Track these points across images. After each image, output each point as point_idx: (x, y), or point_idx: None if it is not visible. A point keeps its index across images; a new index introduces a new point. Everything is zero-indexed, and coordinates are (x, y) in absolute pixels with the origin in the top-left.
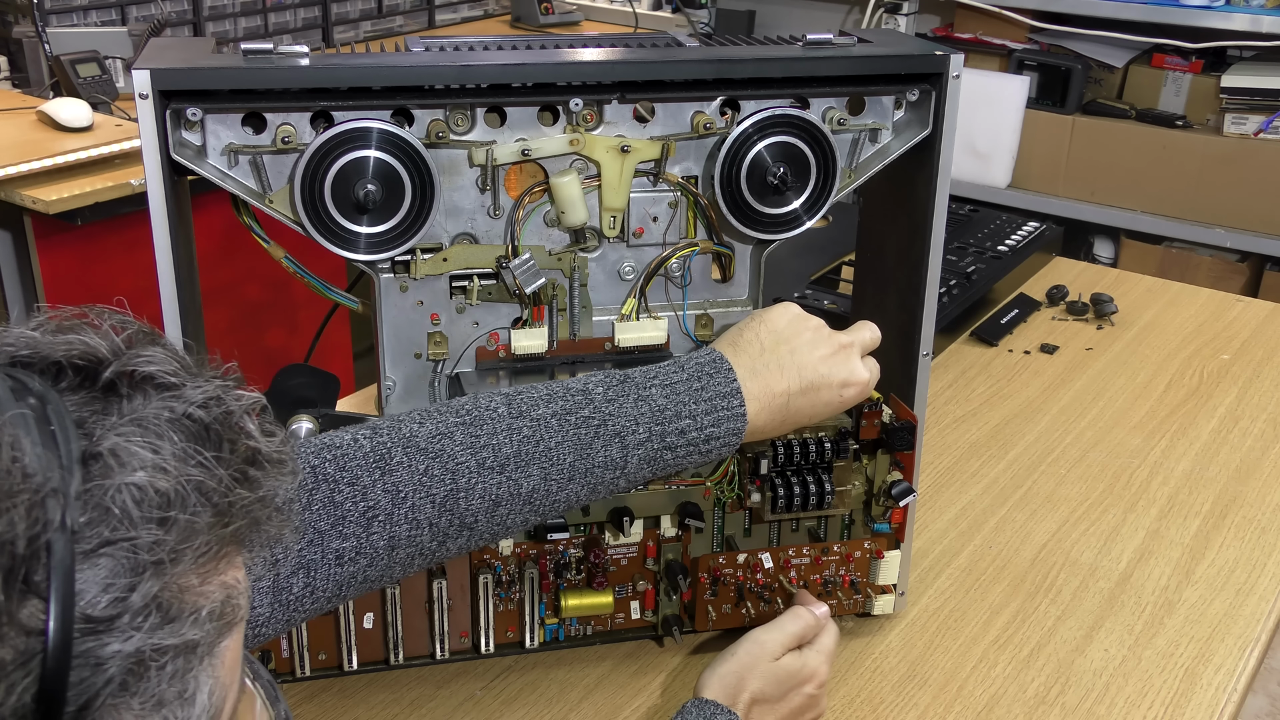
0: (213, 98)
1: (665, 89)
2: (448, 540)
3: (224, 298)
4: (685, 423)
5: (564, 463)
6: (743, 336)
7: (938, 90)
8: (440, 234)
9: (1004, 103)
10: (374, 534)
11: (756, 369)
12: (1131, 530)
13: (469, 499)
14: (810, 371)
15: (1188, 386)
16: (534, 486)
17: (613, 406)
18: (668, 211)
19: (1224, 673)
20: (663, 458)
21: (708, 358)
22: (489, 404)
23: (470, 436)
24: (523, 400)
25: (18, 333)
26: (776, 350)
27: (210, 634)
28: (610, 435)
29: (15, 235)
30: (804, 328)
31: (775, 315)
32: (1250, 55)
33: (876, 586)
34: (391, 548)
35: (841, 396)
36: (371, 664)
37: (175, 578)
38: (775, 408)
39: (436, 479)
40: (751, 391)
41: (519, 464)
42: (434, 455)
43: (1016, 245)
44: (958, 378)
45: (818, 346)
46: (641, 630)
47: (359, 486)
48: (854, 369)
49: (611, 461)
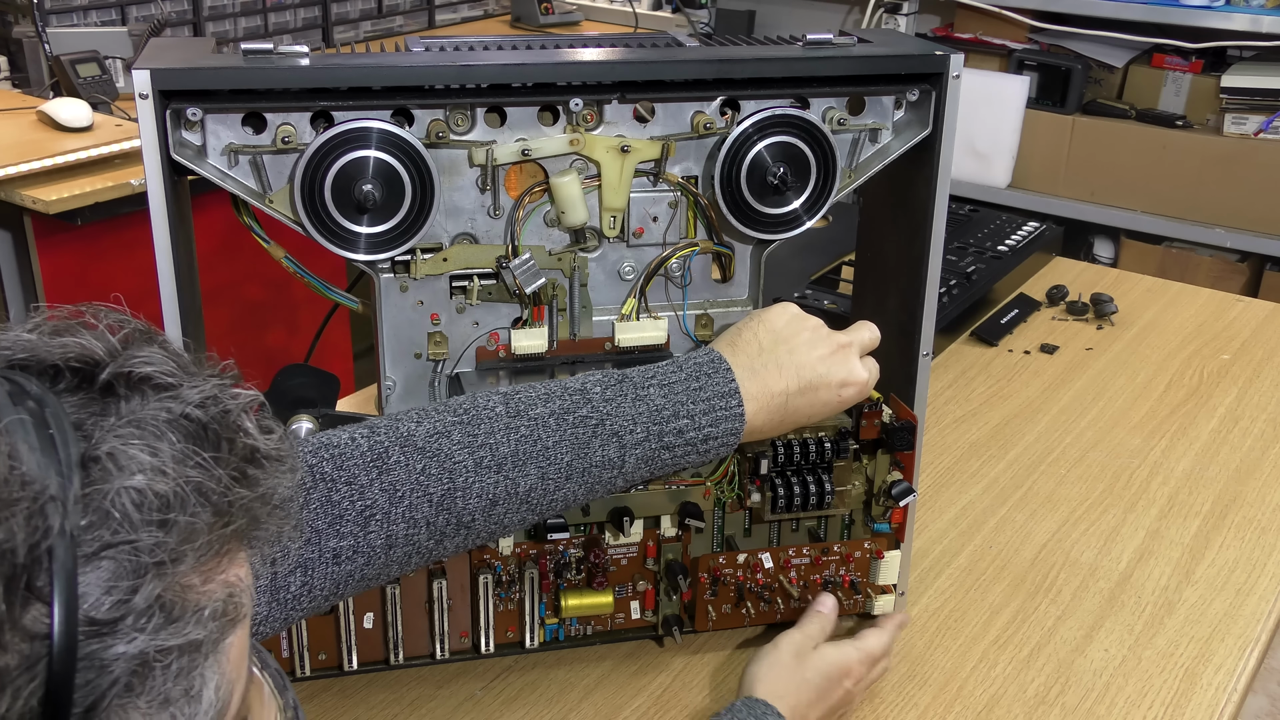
0: (213, 98)
1: (665, 89)
2: (445, 539)
3: (224, 298)
4: (683, 422)
5: (561, 462)
6: (741, 336)
7: (938, 90)
8: (440, 234)
9: (1004, 103)
10: (371, 533)
11: (755, 369)
12: (1131, 530)
13: (466, 498)
14: (809, 371)
15: (1188, 386)
16: (531, 486)
17: (610, 406)
18: (668, 211)
19: (1224, 673)
20: (660, 457)
21: (706, 357)
22: (487, 403)
23: (468, 435)
24: (520, 399)
25: (14, 335)
26: (775, 350)
27: (214, 632)
28: (608, 435)
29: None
30: (802, 327)
31: (774, 315)
32: (1250, 55)
33: (876, 586)
34: (389, 546)
35: (840, 396)
36: (371, 664)
37: (177, 578)
38: (774, 408)
39: (434, 478)
40: (750, 391)
41: (516, 463)
42: (431, 454)
43: (1016, 245)
44: (958, 378)
45: (816, 346)
46: (641, 630)
47: (356, 485)
48: (852, 369)
49: (609, 461)
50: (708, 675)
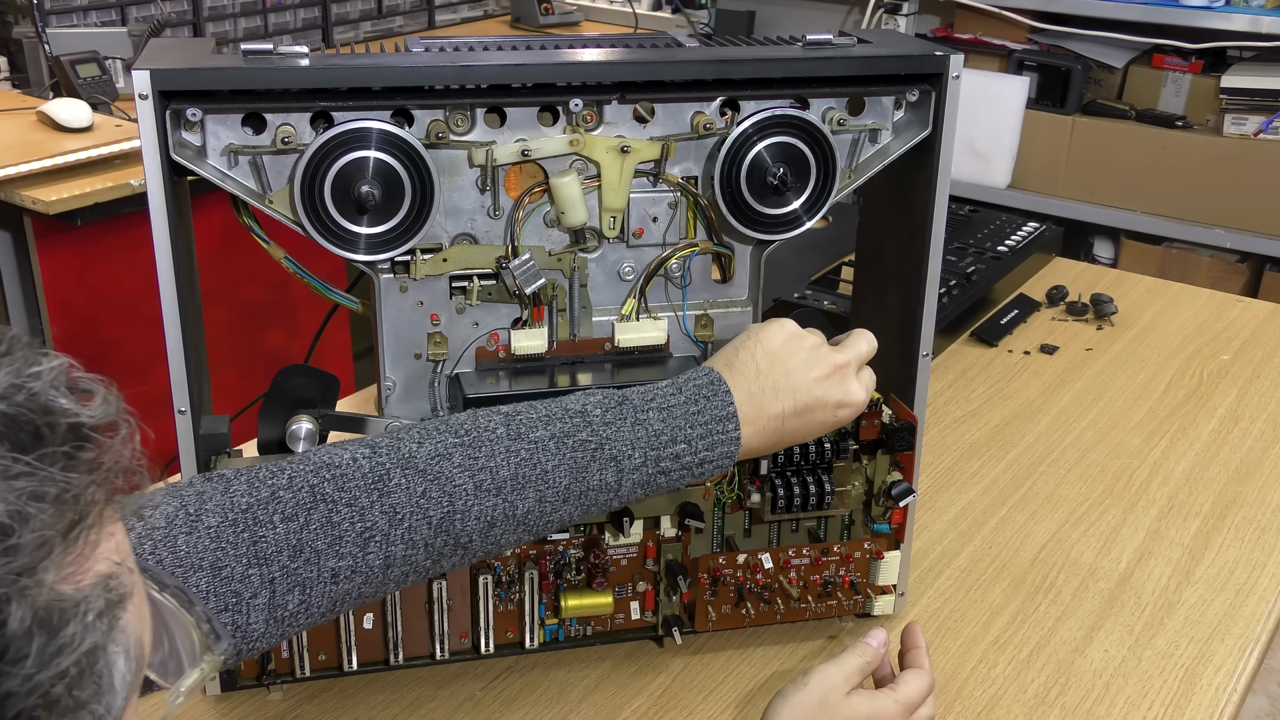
0: (213, 98)
1: (665, 89)
2: (442, 559)
3: (224, 298)
4: (680, 447)
5: (560, 485)
6: (739, 357)
7: (938, 90)
8: (440, 234)
9: (1004, 103)
10: (370, 554)
11: (752, 392)
12: (1131, 531)
13: (465, 520)
14: (805, 394)
15: (1188, 387)
16: (529, 508)
17: (610, 430)
18: (668, 212)
19: (1224, 673)
20: (656, 481)
21: (705, 379)
22: (488, 424)
23: (468, 458)
24: (521, 421)
25: None
26: (772, 372)
27: (106, 625)
28: (606, 459)
29: (15, 235)
30: (800, 347)
31: (771, 334)
32: (1250, 55)
33: (876, 587)
34: (387, 566)
35: (836, 417)
36: (371, 664)
37: (45, 594)
38: (769, 430)
39: (434, 501)
40: (746, 414)
41: (515, 486)
42: (432, 477)
43: (1016, 245)
44: (958, 378)
45: (813, 367)
46: (641, 630)
47: (357, 507)
48: (849, 390)
49: (606, 485)
50: (708, 676)
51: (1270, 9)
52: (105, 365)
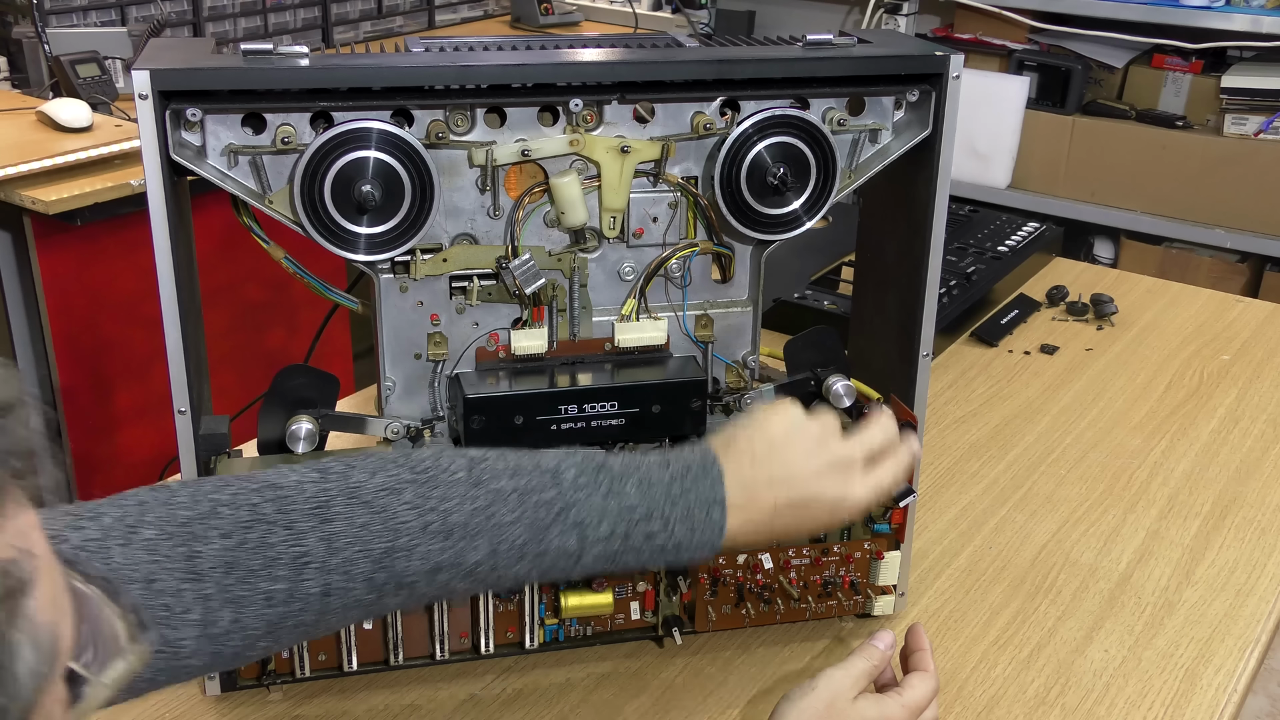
0: (212, 98)
1: (665, 89)
2: (385, 596)
3: (224, 298)
4: (655, 526)
5: (515, 541)
6: (737, 441)
7: (938, 91)
8: (440, 234)
9: (1004, 103)
10: (306, 580)
11: (744, 481)
12: (1131, 531)
13: (409, 559)
14: (802, 487)
15: (1188, 387)
16: (479, 559)
17: (580, 494)
18: (668, 212)
19: (1224, 673)
20: (623, 558)
21: (698, 458)
22: (450, 465)
23: (420, 497)
24: (486, 468)
25: None
26: (769, 462)
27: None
28: (570, 524)
29: (15, 235)
30: (803, 436)
31: (774, 421)
32: (1250, 55)
33: (876, 587)
34: (325, 594)
35: (833, 515)
36: (371, 664)
37: None
38: (760, 522)
39: (376, 534)
40: (736, 502)
41: (466, 534)
42: (376, 510)
43: (1016, 246)
44: (958, 378)
45: (813, 459)
46: (641, 630)
47: (294, 531)
48: (850, 489)
49: (566, 550)
50: (708, 676)
51: (1270, 9)
52: (105, 365)
